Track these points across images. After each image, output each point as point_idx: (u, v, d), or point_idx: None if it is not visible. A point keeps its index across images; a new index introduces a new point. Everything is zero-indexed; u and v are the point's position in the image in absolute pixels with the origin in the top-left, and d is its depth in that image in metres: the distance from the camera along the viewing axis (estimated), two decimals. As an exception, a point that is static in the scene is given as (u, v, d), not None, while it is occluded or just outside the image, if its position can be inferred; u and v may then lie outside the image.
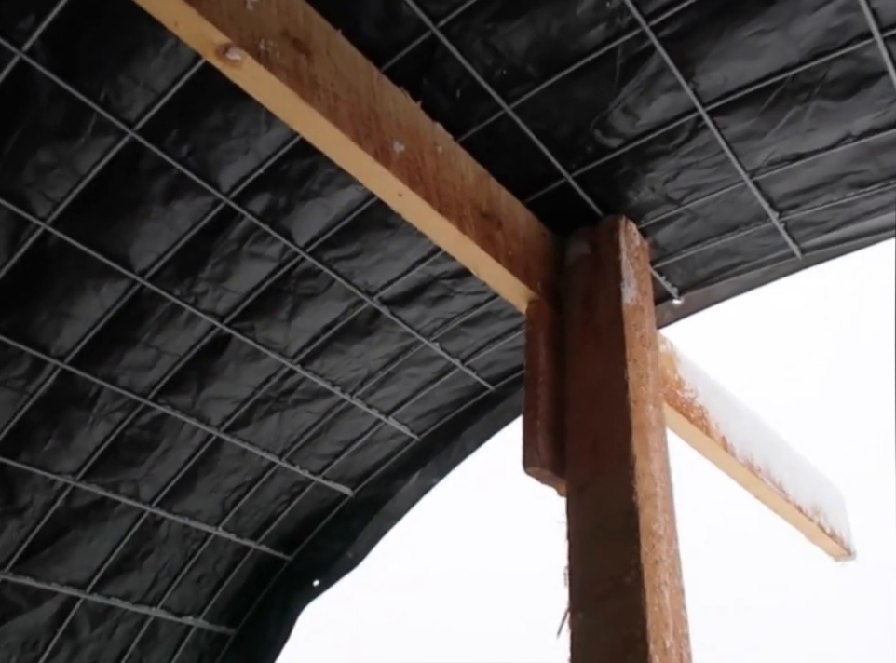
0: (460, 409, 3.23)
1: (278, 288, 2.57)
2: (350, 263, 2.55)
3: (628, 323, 2.14)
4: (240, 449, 3.04)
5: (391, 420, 3.21)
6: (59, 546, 2.86)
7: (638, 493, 1.83)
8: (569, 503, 1.93)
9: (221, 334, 2.66)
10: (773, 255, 2.50)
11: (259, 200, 2.31)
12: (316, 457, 3.24)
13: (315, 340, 2.79)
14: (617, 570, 1.74)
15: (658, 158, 2.19)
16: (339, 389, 3.00)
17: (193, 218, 2.31)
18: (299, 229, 2.42)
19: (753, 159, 2.16)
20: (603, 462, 1.93)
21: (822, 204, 2.29)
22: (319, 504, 3.41)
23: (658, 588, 1.72)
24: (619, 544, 1.78)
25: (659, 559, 1.78)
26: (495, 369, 3.09)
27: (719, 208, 2.36)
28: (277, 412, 2.99)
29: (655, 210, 2.39)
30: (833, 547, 3.62)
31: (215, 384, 2.80)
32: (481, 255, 2.10)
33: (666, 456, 2.03)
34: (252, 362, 2.78)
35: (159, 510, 3.03)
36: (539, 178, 2.31)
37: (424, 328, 2.86)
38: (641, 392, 2.04)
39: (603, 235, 2.36)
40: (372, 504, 3.44)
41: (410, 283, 2.66)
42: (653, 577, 1.72)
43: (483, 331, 2.91)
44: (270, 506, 3.30)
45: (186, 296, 2.51)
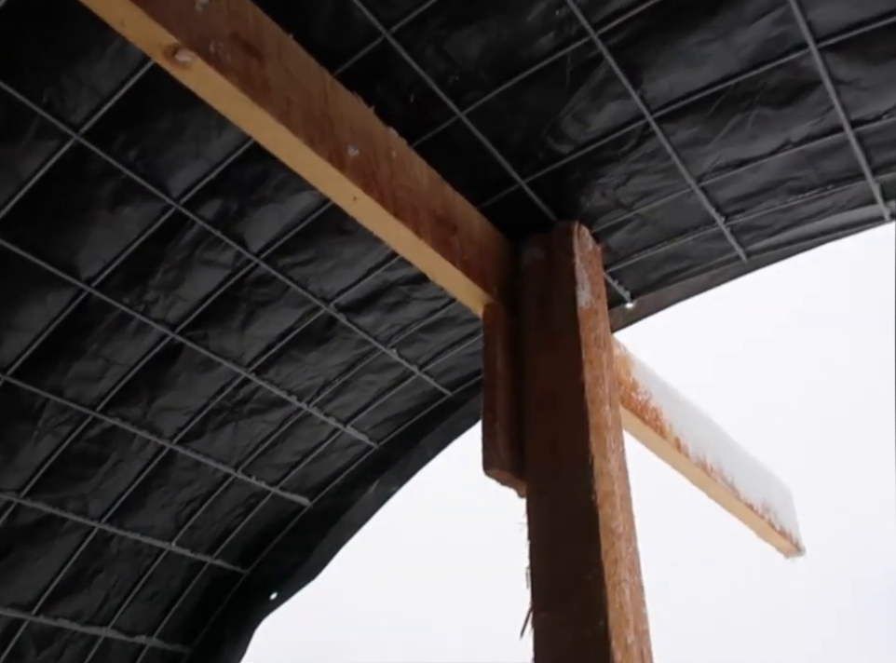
0: (419, 415, 3.22)
1: (231, 295, 2.53)
2: (305, 270, 2.53)
3: (583, 326, 2.17)
4: (194, 461, 2.97)
5: (349, 428, 3.18)
6: (2, 566, 2.75)
7: (597, 492, 1.84)
8: (529, 504, 1.94)
9: (172, 343, 2.60)
10: (720, 259, 2.57)
11: (210, 206, 2.27)
12: (272, 468, 3.19)
13: (270, 348, 2.75)
14: (578, 568, 1.75)
15: (609, 164, 2.24)
16: (295, 398, 2.97)
17: (142, 224, 2.26)
18: (252, 235, 2.39)
19: (700, 165, 2.22)
20: (561, 462, 1.94)
21: (765, 209, 2.36)
22: (276, 515, 3.36)
23: (618, 586, 1.73)
24: (579, 542, 1.79)
25: (619, 556, 1.80)
26: (453, 374, 3.09)
27: (668, 213, 2.41)
28: (231, 422, 2.94)
29: (606, 215, 2.43)
30: (783, 544, 3.71)
31: (167, 394, 2.74)
32: (437, 260, 2.10)
33: (623, 456, 2.06)
34: (206, 372, 2.73)
35: (109, 526, 2.94)
36: (493, 183, 2.33)
37: (381, 334, 2.85)
38: (597, 393, 2.07)
39: (556, 239, 2.39)
40: (330, 514, 3.40)
41: (366, 289, 2.65)
42: (613, 575, 1.74)
43: (441, 336, 2.91)
44: (226, 519, 3.24)
45: (136, 304, 2.45)
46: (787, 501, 3.84)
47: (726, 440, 3.44)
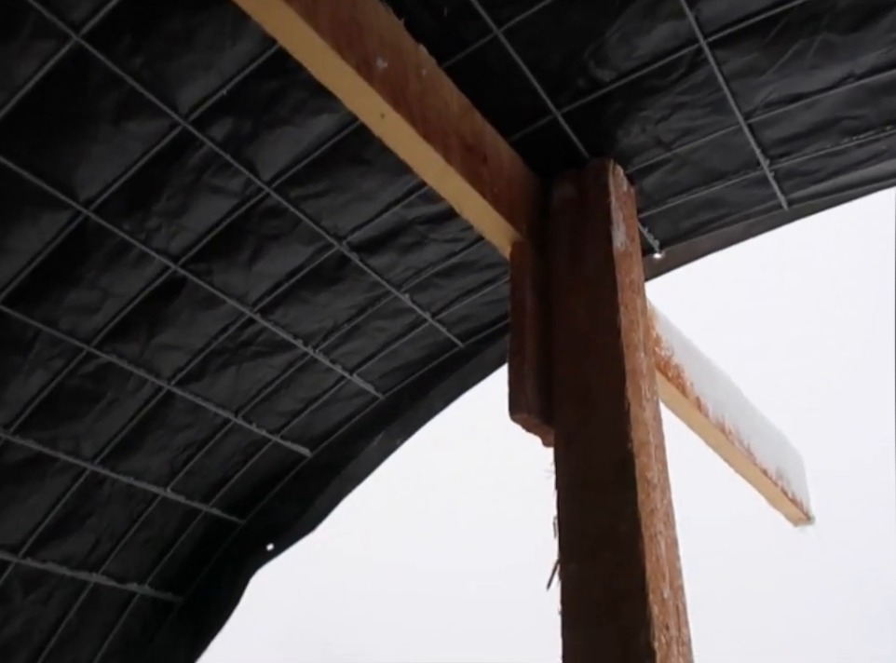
0: (428, 366, 3.09)
1: (239, 227, 2.37)
2: (319, 203, 2.37)
3: (619, 268, 2.03)
4: (193, 404, 2.83)
5: (355, 377, 3.05)
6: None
7: (633, 441, 1.73)
8: (558, 452, 1.82)
9: (174, 277, 2.45)
10: (760, 207, 2.43)
11: (221, 125, 2.10)
12: (274, 415, 3.06)
13: (277, 287, 2.60)
14: (612, 519, 1.64)
15: (653, 95, 2.08)
16: (301, 342, 2.83)
17: (147, 142, 2.08)
18: (264, 161, 2.22)
19: (751, 99, 2.06)
20: (594, 409, 1.82)
21: (814, 152, 2.21)
22: (275, 465, 3.24)
23: (654, 538, 1.62)
24: (614, 493, 1.68)
25: (655, 508, 1.69)
26: (467, 324, 2.96)
27: (710, 153, 2.26)
28: (233, 364, 2.80)
29: (644, 154, 2.28)
30: (793, 511, 3.64)
31: (167, 331, 2.59)
32: (466, 190, 1.95)
33: (657, 405, 1.94)
34: (208, 309, 2.58)
35: (102, 468, 2.81)
36: (526, 113, 2.17)
37: (394, 277, 2.70)
38: (632, 338, 1.94)
39: (590, 177, 2.24)
40: (331, 466, 3.29)
41: (382, 227, 2.50)
42: (649, 527, 1.63)
43: (456, 282, 2.76)
44: (223, 466, 3.12)
45: (137, 232, 2.29)
46: (799, 468, 3.76)
47: (743, 402, 3.34)
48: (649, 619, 1.47)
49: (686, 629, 1.55)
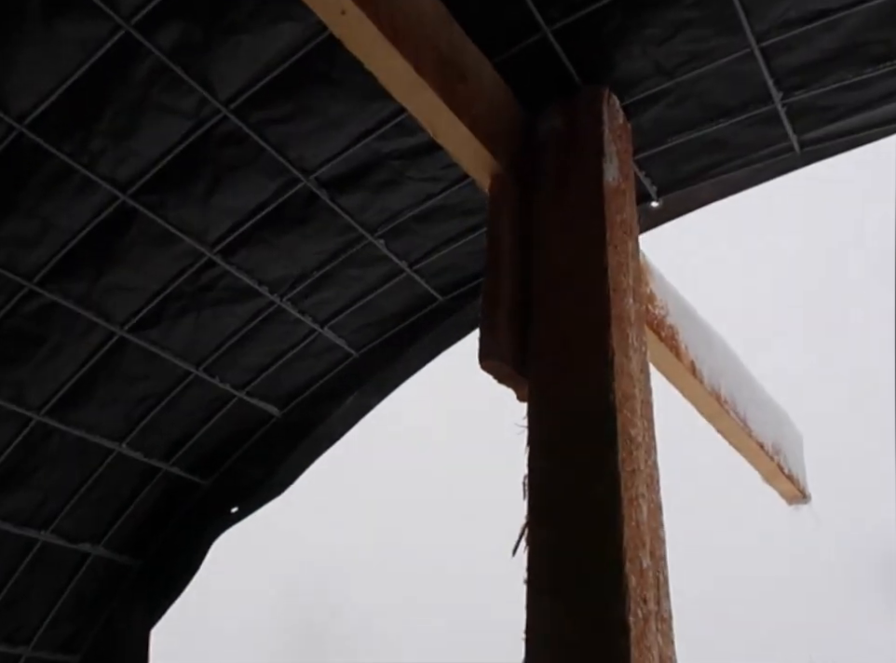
0: (405, 322, 2.88)
1: (194, 154, 2.15)
2: (283, 129, 2.14)
3: (608, 205, 1.82)
4: (148, 352, 2.63)
5: (327, 330, 2.84)
6: (-77, 454, 2.43)
7: (616, 393, 1.52)
8: (532, 403, 1.62)
9: (124, 208, 2.22)
10: (769, 149, 2.20)
11: (168, 31, 1.87)
12: (239, 369, 2.86)
13: (239, 226, 2.38)
14: (588, 479, 1.45)
15: (657, 9, 1.85)
16: (267, 289, 2.61)
17: (84, 47, 1.85)
18: (220, 77, 1.99)
19: (766, 16, 1.83)
20: (574, 357, 1.62)
21: (833, 83, 1.99)
22: (240, 423, 3.04)
23: (634, 501, 1.43)
24: (591, 449, 1.48)
25: (637, 468, 1.49)
26: (447, 276, 2.74)
27: (716, 83, 2.04)
28: (192, 311, 2.59)
29: (643, 83, 2.05)
30: (789, 489, 3.45)
31: (117, 270, 2.37)
32: (439, 108, 1.73)
33: (645, 357, 1.74)
34: (163, 247, 2.36)
35: (49, 419, 2.61)
36: (512, 29, 1.93)
37: (368, 220, 2.48)
38: (620, 282, 1.73)
39: (581, 106, 2.01)
40: (300, 426, 3.09)
41: (353, 161, 2.27)
42: (630, 489, 1.43)
43: (435, 228, 2.54)
44: (184, 422, 2.92)
45: (79, 154, 2.06)
46: (797, 444, 3.57)
47: (741, 371, 3.13)
48: (625, 591, 1.27)
49: (667, 603, 1.36)
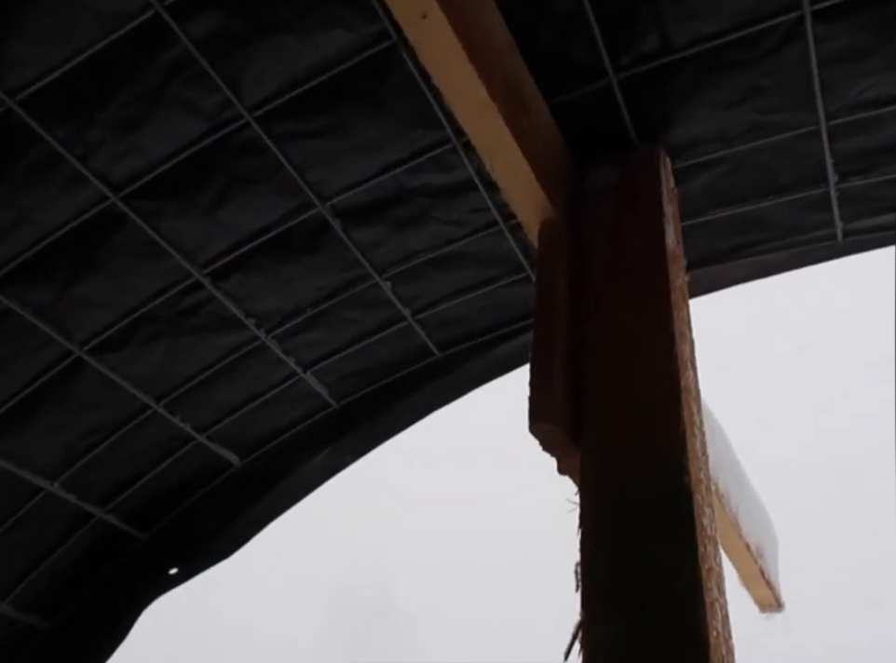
0: (397, 374, 2.64)
1: (207, 160, 1.92)
2: (309, 146, 1.94)
3: (671, 267, 1.67)
4: (107, 379, 2.30)
5: (309, 375, 2.57)
6: None
7: (690, 474, 1.33)
8: (587, 478, 1.40)
9: (112, 211, 1.95)
10: (811, 234, 2.13)
11: (205, 18, 1.67)
12: (204, 409, 2.54)
13: (238, 247, 2.13)
14: (662, 573, 1.23)
15: (732, 70, 1.76)
16: (254, 322, 2.35)
17: (105, 23, 1.63)
18: (252, 79, 1.79)
19: (842, 93, 1.77)
20: (641, 430, 1.42)
21: (891, 173, 1.93)
22: (196, 470, 2.69)
23: (713, 605, 1.21)
24: (666, 539, 1.26)
25: (712, 566, 1.29)
26: (451, 330, 2.54)
27: (773, 158, 1.96)
28: (166, 337, 2.29)
29: (699, 148, 1.95)
30: (766, 595, 3.29)
31: (91, 281, 2.07)
32: (505, 136, 1.57)
33: (704, 438, 1.56)
34: (148, 261, 2.09)
35: (-24, 445, 2.23)
36: (576, 71, 1.82)
37: (379, 259, 2.27)
38: (684, 351, 1.57)
39: (637, 164, 1.90)
40: (262, 479, 2.76)
41: (377, 192, 2.08)
42: (710, 590, 1.22)
43: (450, 276, 2.36)
44: (132, 463, 2.56)
45: (73, 143, 1.80)
46: (774, 547, 3.43)
47: (735, 463, 3.01)
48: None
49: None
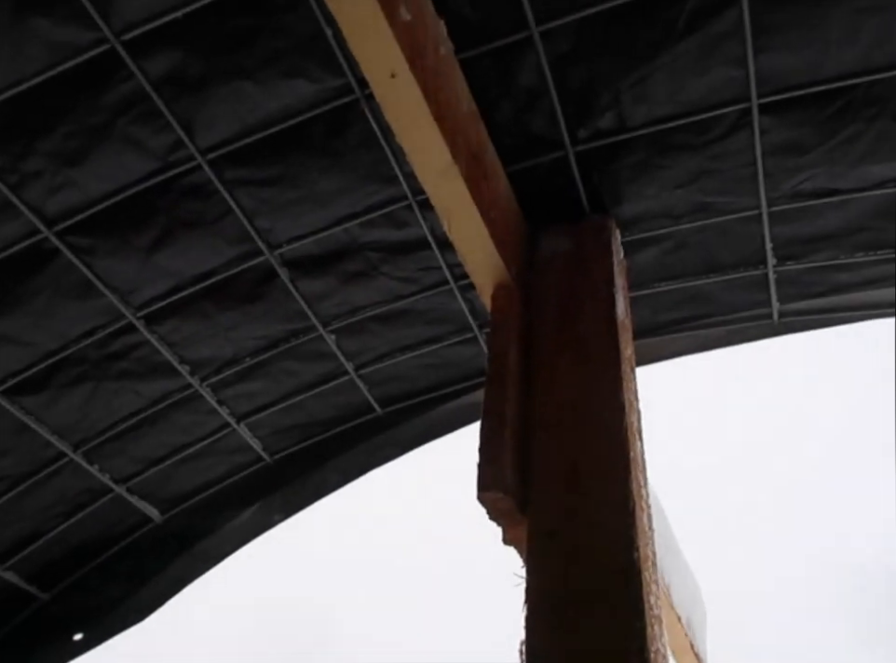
0: (334, 430, 2.55)
1: (149, 200, 1.84)
2: (260, 193, 1.89)
3: (621, 338, 1.68)
4: (20, 423, 2.13)
5: (242, 427, 2.46)
6: None
7: (639, 548, 1.30)
8: (533, 550, 1.35)
9: (42, 246, 1.84)
10: (749, 312, 2.19)
11: (163, 57, 1.62)
12: (126, 459, 2.38)
13: (177, 290, 2.04)
14: (610, 656, 1.18)
15: (682, 153, 1.82)
16: (188, 369, 2.23)
17: (55, 52, 1.56)
18: (206, 121, 1.74)
19: (781, 184, 1.85)
20: (586, 499, 1.39)
21: (825, 260, 2.02)
22: (109, 525, 2.51)
23: (662, 692, 1.17)
24: (611, 617, 1.22)
25: (658, 649, 1.24)
26: (393, 387, 2.48)
27: (716, 238, 2.02)
28: (90, 381, 2.15)
29: (646, 223, 2.00)
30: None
31: (11, 318, 1.94)
32: (464, 199, 1.56)
33: (650, 513, 1.54)
34: (78, 300, 1.97)
35: None
36: (535, 142, 1.84)
37: (324, 311, 2.21)
38: (633, 421, 1.56)
39: (589, 234, 1.92)
40: (182, 537, 2.59)
41: (327, 244, 2.04)
42: (658, 673, 1.17)
43: (395, 333, 2.31)
44: (39, 516, 2.36)
45: (8, 172, 1.70)
46: (703, 620, 3.43)
47: (668, 534, 3.00)
48: None
49: None
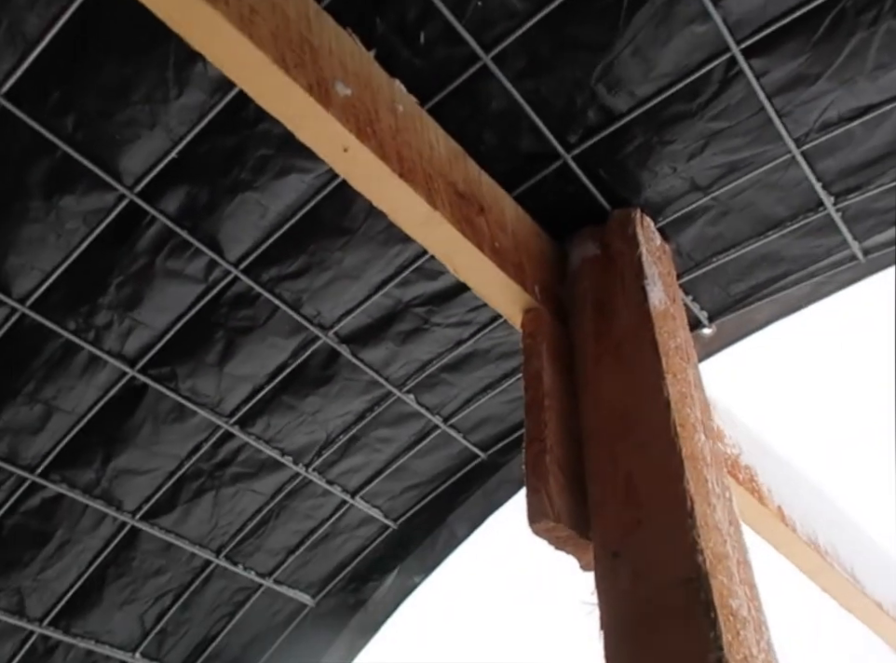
0: (446, 483, 2.59)
1: (204, 320, 2.02)
2: (296, 285, 2.01)
3: (659, 328, 1.59)
4: (163, 542, 2.36)
5: (358, 500, 2.56)
6: None
7: (705, 552, 1.20)
8: (600, 573, 1.30)
9: (132, 384, 2.07)
10: (829, 259, 2.00)
11: (173, 196, 1.80)
12: (264, 553, 2.55)
13: (257, 392, 2.20)
14: (690, 675, 1.09)
15: (680, 123, 1.73)
16: (291, 459, 2.38)
17: (87, 221, 1.78)
18: (228, 237, 1.90)
19: (803, 119, 1.69)
20: (644, 510, 1.31)
21: (890, 181, 1.81)
22: (270, 617, 2.68)
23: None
24: (684, 629, 1.14)
25: (749, 654, 1.14)
26: (487, 429, 2.48)
27: (758, 195, 1.87)
28: (210, 491, 2.35)
29: (677, 202, 1.90)
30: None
31: (127, 452, 2.18)
32: (457, 241, 1.57)
33: (732, 507, 1.42)
34: (175, 423, 2.17)
35: (53, 631, 2.30)
36: (530, 160, 1.83)
37: (394, 374, 2.28)
38: (687, 415, 1.46)
39: (614, 230, 1.85)
40: (338, 615, 2.71)
41: (374, 312, 2.12)
42: (749, 685, 1.07)
43: (468, 377, 2.33)
44: (206, 621, 2.57)
45: (83, 330, 1.94)
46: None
47: (839, 515, 2.72)
48: None
49: None
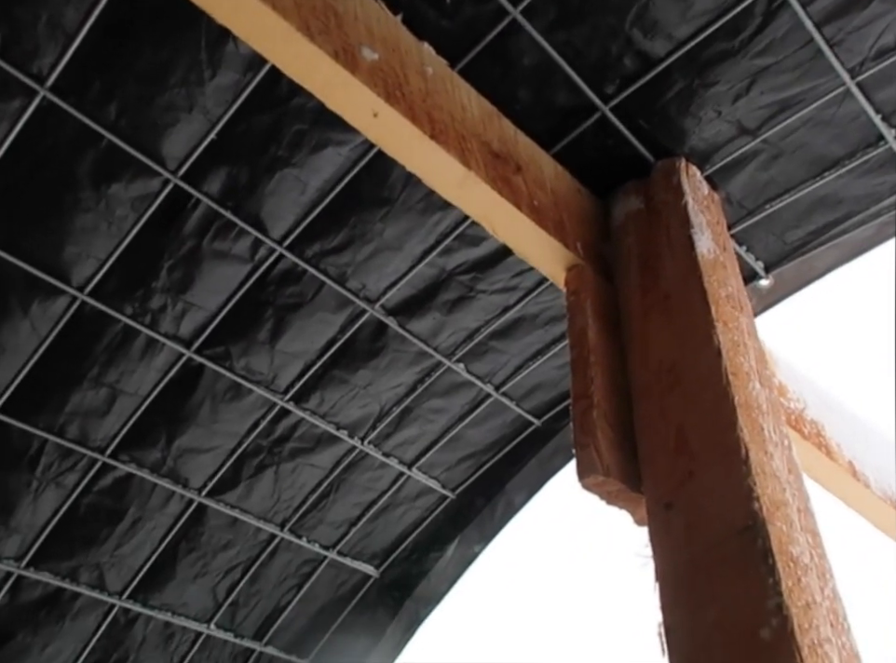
0: (501, 452, 2.59)
1: (253, 299, 2.06)
2: (340, 259, 2.03)
3: (708, 277, 1.54)
4: (230, 518, 2.44)
5: (415, 472, 2.58)
6: (2, 656, 2.26)
7: (761, 500, 1.17)
8: (654, 526, 1.27)
9: (190, 365, 2.13)
10: (894, 198, 1.89)
11: (215, 177, 1.83)
12: (326, 526, 2.61)
13: (309, 367, 2.24)
14: (746, 621, 1.07)
15: (722, 63, 1.66)
16: (346, 433, 2.41)
17: (135, 207, 1.84)
18: (271, 215, 1.93)
19: (856, 47, 1.60)
20: (697, 460, 1.28)
21: (955, 108, 1.70)
22: (336, 588, 2.74)
23: (817, 649, 1.03)
24: (742, 577, 1.11)
25: (811, 600, 1.10)
26: (540, 395, 2.47)
27: (811, 134, 1.79)
28: (270, 466, 2.41)
29: (724, 148, 1.83)
30: None
31: (189, 432, 2.25)
32: (494, 200, 1.55)
33: (791, 455, 1.37)
34: (233, 401, 2.23)
35: (132, 604, 2.42)
36: (567, 114, 1.79)
37: (443, 344, 2.29)
38: (740, 364, 1.41)
39: (658, 181, 1.80)
40: (401, 586, 2.76)
41: (418, 283, 2.12)
42: (808, 630, 1.04)
43: (518, 343, 2.31)
44: (274, 593, 2.65)
45: (140, 314, 2.01)
46: None
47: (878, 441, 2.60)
48: None
49: None
